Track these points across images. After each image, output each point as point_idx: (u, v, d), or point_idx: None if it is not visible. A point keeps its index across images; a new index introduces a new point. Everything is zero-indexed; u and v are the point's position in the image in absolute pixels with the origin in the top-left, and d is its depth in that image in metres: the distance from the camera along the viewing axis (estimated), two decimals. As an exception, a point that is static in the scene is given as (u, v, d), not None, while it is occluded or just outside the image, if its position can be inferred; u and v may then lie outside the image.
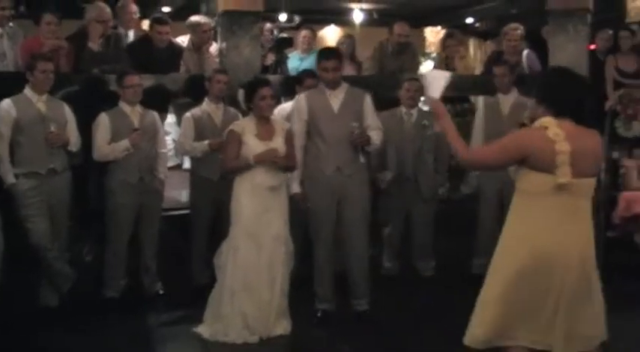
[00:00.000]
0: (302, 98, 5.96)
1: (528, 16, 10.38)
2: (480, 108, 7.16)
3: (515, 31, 8.30)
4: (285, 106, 6.65)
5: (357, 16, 13.06)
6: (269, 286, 5.54)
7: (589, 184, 3.70)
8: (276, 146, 5.57)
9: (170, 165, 7.22)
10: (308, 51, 8.79)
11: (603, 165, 6.62)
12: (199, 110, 6.52)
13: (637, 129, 7.81)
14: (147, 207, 6.35)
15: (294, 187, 5.84)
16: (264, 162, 5.53)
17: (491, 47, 12.28)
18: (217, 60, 7.72)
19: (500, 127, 6.28)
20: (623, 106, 7.86)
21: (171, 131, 7.98)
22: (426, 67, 9.43)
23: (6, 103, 5.88)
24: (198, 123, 6.46)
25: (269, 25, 8.89)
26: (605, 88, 8.34)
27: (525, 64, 8.48)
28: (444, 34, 9.58)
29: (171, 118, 7.98)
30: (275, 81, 7.04)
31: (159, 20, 7.64)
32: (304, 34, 9.05)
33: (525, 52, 8.55)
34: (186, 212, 6.79)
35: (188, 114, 6.54)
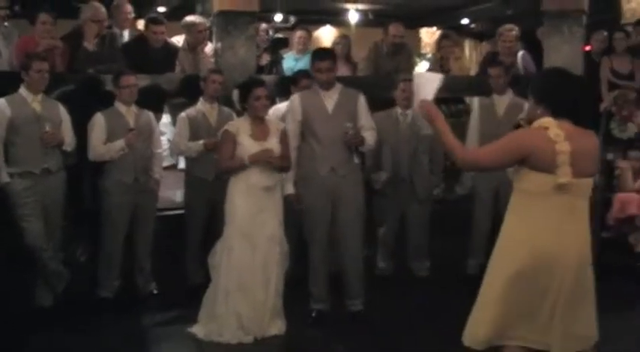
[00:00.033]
0: (296, 99, 5.96)
1: (523, 17, 10.41)
2: (475, 109, 7.15)
3: (510, 32, 8.29)
4: (280, 107, 6.64)
5: (353, 17, 13.11)
6: (263, 286, 5.54)
7: (588, 184, 3.71)
8: (270, 146, 5.57)
9: (165, 165, 7.20)
10: (303, 51, 8.79)
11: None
12: (194, 110, 6.52)
13: (632, 130, 7.82)
14: (142, 207, 6.34)
15: (289, 188, 5.84)
16: (259, 163, 5.53)
17: (486, 48, 12.32)
18: (212, 60, 7.72)
19: (496, 128, 6.27)
20: (618, 107, 7.87)
21: (166, 131, 7.97)
22: (422, 67, 9.41)
23: (1, 103, 5.86)
24: (193, 123, 6.45)
25: (264, 25, 8.88)
26: (600, 89, 8.36)
27: (520, 65, 8.49)
28: (440, 34, 9.58)
29: (166, 118, 7.98)
30: (270, 81, 7.04)
31: (154, 20, 7.66)
32: (300, 34, 9.06)
33: (520, 53, 8.56)
34: (180, 212, 6.78)
35: (183, 114, 6.53)
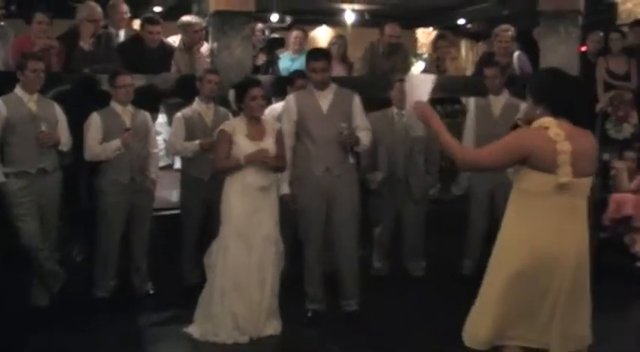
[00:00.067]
0: (291, 99, 5.96)
1: (520, 17, 10.41)
2: (471, 110, 7.16)
3: (506, 33, 8.30)
4: (276, 107, 6.64)
5: (349, 17, 13.10)
6: (259, 286, 5.54)
7: (587, 184, 3.72)
8: (266, 146, 5.57)
9: (161, 165, 7.20)
10: (299, 51, 8.77)
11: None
12: (190, 110, 6.51)
13: (628, 130, 7.84)
14: (138, 207, 6.34)
15: (284, 188, 5.84)
16: (255, 163, 5.52)
17: (482, 48, 12.32)
18: (208, 60, 7.72)
19: (492, 129, 6.29)
20: (613, 108, 7.88)
21: (162, 131, 7.97)
22: (418, 67, 9.42)
23: (-4, 102, 5.87)
24: (189, 123, 6.45)
25: (260, 25, 8.89)
26: (596, 89, 8.36)
27: (516, 65, 8.49)
28: (436, 35, 9.56)
29: (162, 118, 7.97)
30: (266, 81, 7.04)
31: (150, 20, 7.64)
32: (296, 34, 9.05)
33: (516, 54, 8.56)
34: (176, 212, 6.77)
35: (179, 114, 6.53)
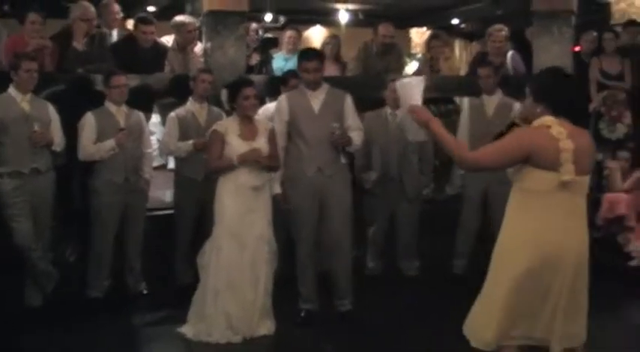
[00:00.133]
0: (283, 99, 5.96)
1: (513, 17, 10.42)
2: (465, 110, 7.16)
3: (500, 33, 8.30)
4: (270, 106, 6.64)
5: (343, 17, 13.09)
6: (252, 286, 5.54)
7: (587, 182, 3.75)
8: (259, 146, 5.57)
9: (155, 165, 7.20)
10: (293, 51, 8.74)
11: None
12: (184, 110, 6.51)
13: (621, 131, 7.86)
14: (132, 207, 6.34)
15: (276, 188, 5.84)
16: (248, 162, 5.52)
17: (476, 48, 12.32)
18: (202, 60, 7.71)
19: (485, 128, 6.29)
20: (607, 108, 7.90)
21: (155, 131, 7.95)
22: (412, 67, 9.41)
23: (-11, 103, 5.86)
24: (182, 123, 6.45)
25: (254, 25, 8.86)
26: (589, 89, 8.37)
27: (510, 65, 8.50)
28: (430, 35, 9.56)
29: (155, 118, 7.95)
30: (260, 81, 7.05)
31: (143, 20, 7.63)
32: (289, 34, 9.04)
33: (510, 54, 8.57)
34: (170, 212, 6.77)
35: (172, 114, 6.52)
